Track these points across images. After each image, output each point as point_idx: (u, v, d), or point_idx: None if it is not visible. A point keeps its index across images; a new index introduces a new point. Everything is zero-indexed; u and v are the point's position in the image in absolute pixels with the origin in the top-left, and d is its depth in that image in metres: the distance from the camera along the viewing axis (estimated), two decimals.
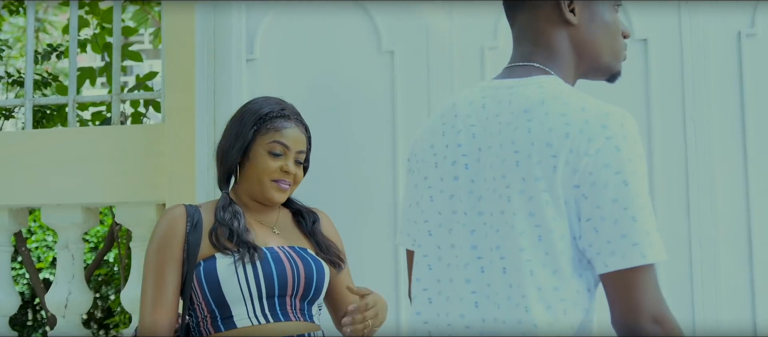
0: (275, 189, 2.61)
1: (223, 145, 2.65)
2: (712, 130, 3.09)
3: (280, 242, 2.61)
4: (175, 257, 2.52)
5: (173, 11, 3.54)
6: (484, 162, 1.79)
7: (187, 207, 2.60)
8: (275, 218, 2.68)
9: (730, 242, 3.07)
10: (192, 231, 2.53)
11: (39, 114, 4.78)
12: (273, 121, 2.63)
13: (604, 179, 1.66)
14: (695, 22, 3.14)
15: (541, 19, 1.89)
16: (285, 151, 2.62)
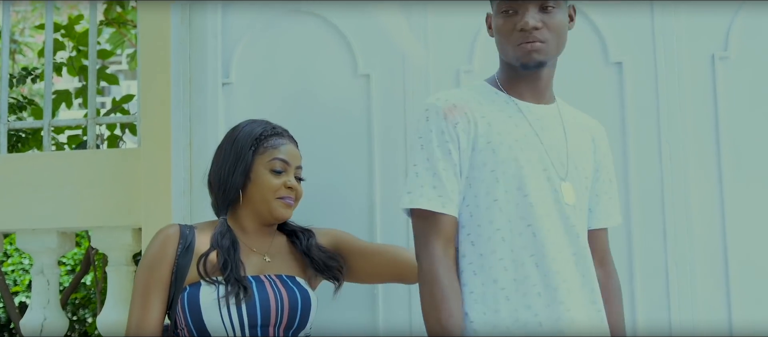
0: (282, 206, 2.64)
1: (219, 173, 2.65)
2: (687, 152, 3.10)
3: (269, 271, 2.60)
4: (163, 278, 2.52)
5: (149, 35, 3.53)
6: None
7: (182, 227, 2.60)
8: (269, 244, 2.68)
9: (706, 264, 3.07)
10: (183, 253, 2.53)
11: (14, 138, 4.76)
12: (269, 140, 2.67)
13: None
14: (669, 44, 3.15)
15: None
16: (285, 168, 2.66)
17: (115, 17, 5.33)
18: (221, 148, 2.71)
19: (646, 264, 3.09)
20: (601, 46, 3.18)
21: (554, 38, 2.41)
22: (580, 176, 2.44)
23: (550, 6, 2.39)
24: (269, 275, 2.58)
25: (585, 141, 2.51)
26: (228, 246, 2.54)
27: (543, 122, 2.43)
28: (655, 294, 3.07)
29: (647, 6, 3.17)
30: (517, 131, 2.39)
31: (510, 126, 2.39)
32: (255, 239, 2.66)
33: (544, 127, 2.42)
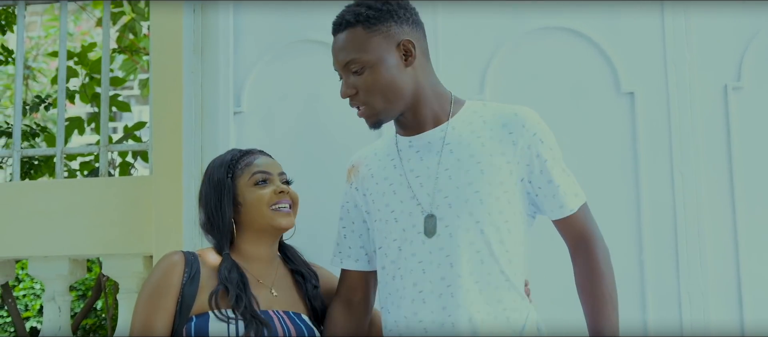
0: (280, 215, 2.60)
1: (209, 213, 2.62)
2: (700, 183, 3.09)
3: (277, 306, 2.57)
4: (168, 307, 2.47)
5: (161, 63, 3.54)
6: None
7: (186, 255, 2.56)
8: (274, 276, 2.64)
9: (719, 295, 3.06)
10: (188, 282, 2.49)
11: (27, 165, 4.77)
12: (241, 160, 2.64)
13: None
14: (682, 74, 3.15)
15: None
16: (268, 177, 2.62)
17: (127, 45, 5.35)
18: (202, 190, 2.67)
19: (659, 295, 3.07)
20: (613, 76, 3.18)
21: (377, 95, 2.38)
22: (463, 195, 2.37)
23: (356, 70, 2.38)
24: (278, 311, 2.55)
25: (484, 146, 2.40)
26: (237, 281, 2.50)
27: (421, 153, 2.44)
28: (668, 325, 3.05)
29: (659, 34, 3.17)
30: (393, 174, 2.48)
31: (388, 170, 2.49)
32: (260, 268, 2.62)
33: (421, 160, 2.44)
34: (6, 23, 5.10)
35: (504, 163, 2.38)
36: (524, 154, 2.39)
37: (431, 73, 2.48)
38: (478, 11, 3.24)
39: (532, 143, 2.39)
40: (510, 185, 2.38)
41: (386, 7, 2.39)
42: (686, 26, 3.16)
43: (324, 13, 3.35)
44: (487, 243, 2.36)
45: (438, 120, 2.45)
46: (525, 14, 3.25)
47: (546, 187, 2.40)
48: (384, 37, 2.38)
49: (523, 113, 2.43)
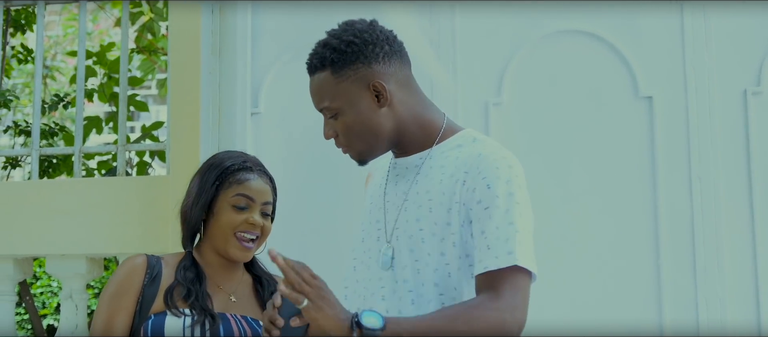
0: (238, 247, 2.54)
1: (185, 204, 2.61)
2: (719, 188, 3.08)
3: (234, 310, 2.55)
4: (128, 307, 2.49)
5: (179, 64, 3.56)
6: None
7: (149, 258, 2.57)
8: (236, 284, 2.62)
9: (736, 300, 3.04)
10: (149, 284, 2.51)
11: (45, 163, 4.80)
12: (235, 174, 2.58)
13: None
14: (701, 79, 3.13)
15: None
16: (250, 204, 2.56)
17: (146, 45, 5.37)
18: (193, 178, 2.65)
19: (676, 299, 3.06)
20: (631, 80, 3.17)
21: (355, 137, 2.27)
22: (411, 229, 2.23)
23: (328, 113, 2.29)
24: (235, 314, 2.53)
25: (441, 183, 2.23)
26: (192, 278, 2.50)
27: (399, 177, 2.33)
28: (685, 331, 3.04)
29: (678, 38, 3.16)
30: (377, 192, 2.38)
31: (375, 188, 2.41)
32: (221, 274, 2.60)
33: (397, 184, 2.32)
34: (25, 22, 5.12)
35: (453, 203, 2.19)
36: (468, 196, 2.18)
37: (415, 101, 2.31)
38: (496, 13, 3.23)
39: (478, 187, 2.16)
40: (457, 227, 2.19)
41: (351, 48, 2.25)
42: (705, 30, 3.15)
43: (342, 14, 3.35)
44: (420, 284, 2.20)
45: (423, 146, 2.31)
46: (543, 17, 3.24)
47: (478, 237, 2.14)
48: (352, 81, 2.24)
49: (486, 155, 2.21)
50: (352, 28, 2.29)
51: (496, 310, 2.05)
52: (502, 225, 2.11)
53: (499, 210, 2.12)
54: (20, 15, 5.10)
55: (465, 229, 2.18)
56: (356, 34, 2.26)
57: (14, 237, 3.74)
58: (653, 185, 3.10)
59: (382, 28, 2.32)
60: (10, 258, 3.79)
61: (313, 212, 3.31)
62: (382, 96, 2.24)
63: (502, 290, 2.06)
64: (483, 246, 2.11)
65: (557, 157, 3.14)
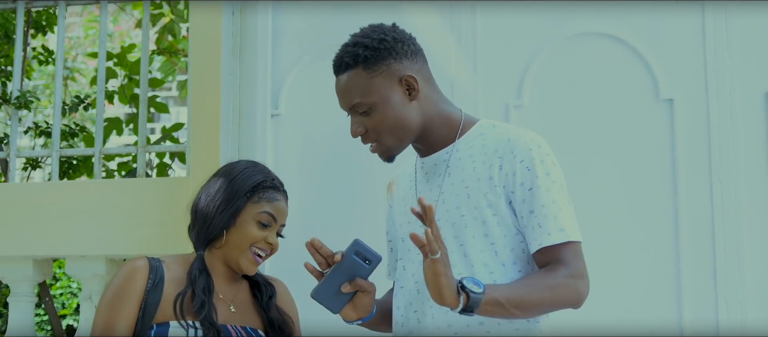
0: (250, 261, 2.55)
1: (207, 207, 2.57)
2: (739, 190, 3.07)
3: (234, 321, 2.54)
4: (130, 313, 2.43)
5: (200, 66, 3.56)
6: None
7: (151, 260, 2.52)
8: (235, 292, 2.61)
9: (757, 303, 3.03)
10: (152, 289, 2.45)
11: (65, 164, 4.81)
12: (266, 191, 2.58)
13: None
14: (722, 81, 3.12)
15: None
16: (272, 223, 2.57)
17: (166, 46, 5.38)
18: (216, 180, 2.62)
19: (696, 303, 3.05)
20: (652, 83, 3.16)
21: (385, 133, 2.38)
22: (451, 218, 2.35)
23: (361, 109, 2.37)
24: (235, 325, 2.52)
25: (475, 171, 2.36)
26: (204, 286, 2.47)
27: (429, 175, 2.45)
28: (705, 332, 3.03)
29: (700, 40, 3.14)
30: (408, 194, 2.51)
31: (406, 190, 2.53)
32: (223, 283, 2.58)
33: (427, 181, 2.45)
34: (46, 23, 5.14)
35: (491, 187, 2.32)
36: (508, 179, 2.32)
37: (437, 97, 2.45)
38: (518, 14, 3.23)
39: (517, 170, 2.31)
40: (500, 208, 2.32)
41: (383, 45, 2.37)
42: (726, 33, 3.14)
43: (363, 15, 3.35)
44: (470, 266, 2.32)
45: (446, 142, 2.43)
46: (564, 19, 3.24)
47: (527, 217, 2.31)
48: (385, 76, 2.36)
49: (516, 139, 2.35)
50: (380, 29, 2.42)
51: (571, 277, 2.25)
52: (548, 203, 2.29)
53: (541, 190, 2.29)
54: (41, 16, 5.12)
55: (508, 209, 2.32)
56: (385, 33, 2.40)
57: (34, 238, 3.75)
58: (674, 187, 3.09)
59: (403, 30, 2.45)
60: (30, 259, 3.80)
61: (332, 213, 3.31)
62: (414, 89, 2.37)
63: (568, 261, 2.27)
64: (535, 225, 2.29)
65: (578, 160, 3.13)
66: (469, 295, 2.09)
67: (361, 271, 2.25)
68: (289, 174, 3.32)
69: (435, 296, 2.09)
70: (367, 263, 2.24)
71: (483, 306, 2.11)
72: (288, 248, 3.29)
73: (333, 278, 2.26)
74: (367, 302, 2.31)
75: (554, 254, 2.27)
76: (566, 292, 2.25)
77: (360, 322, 2.36)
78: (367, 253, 2.24)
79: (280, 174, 3.32)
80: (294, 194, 3.33)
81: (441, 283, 2.06)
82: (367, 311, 2.32)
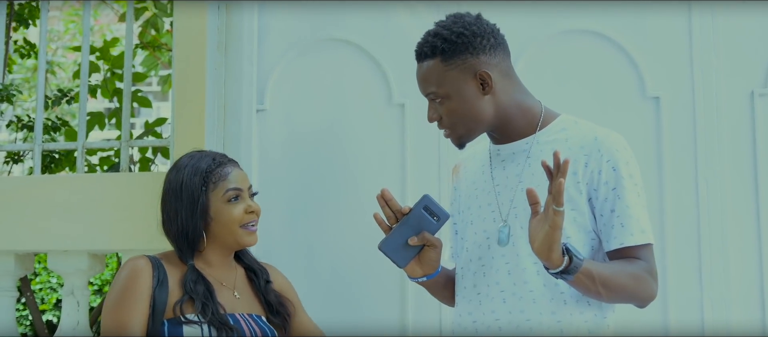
0: (247, 234, 2.59)
1: (177, 220, 2.57)
2: (725, 189, 3.07)
3: (241, 309, 2.57)
4: (142, 311, 2.44)
5: (184, 60, 3.54)
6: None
7: (152, 259, 2.53)
8: (234, 277, 2.64)
9: (742, 303, 3.04)
10: (158, 286, 2.47)
11: (47, 159, 4.78)
12: (216, 172, 2.60)
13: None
14: (708, 80, 3.13)
15: None
16: (240, 194, 2.60)
17: (149, 40, 5.35)
18: (170, 193, 2.62)
19: (681, 302, 3.05)
20: (639, 80, 3.16)
21: (458, 120, 2.44)
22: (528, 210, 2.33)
23: (437, 98, 2.44)
24: (243, 313, 2.55)
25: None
26: (203, 291, 2.48)
27: (506, 162, 2.50)
28: (689, 332, 3.03)
29: (686, 39, 3.15)
30: (480, 179, 2.56)
31: (477, 175, 2.57)
32: (222, 271, 2.61)
33: (504, 168, 2.50)
34: (28, 16, 5.11)
35: (574, 183, 2.39)
36: (593, 177, 2.39)
37: (516, 89, 2.50)
38: (504, 12, 3.22)
39: (603, 169, 2.39)
40: (579, 204, 2.39)
41: (461, 39, 2.42)
42: (713, 31, 3.14)
43: (348, 12, 3.36)
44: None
45: (524, 133, 2.49)
46: (551, 17, 3.24)
47: (608, 216, 2.38)
48: (460, 70, 2.42)
49: (603, 138, 2.43)
50: (462, 21, 2.46)
51: (650, 275, 2.35)
52: (632, 205, 2.37)
53: (626, 190, 2.38)
54: (23, 9, 5.08)
55: (587, 206, 2.40)
56: (466, 26, 2.44)
57: (16, 232, 3.72)
58: (660, 185, 3.09)
59: (487, 21, 2.50)
60: (12, 253, 3.77)
61: (317, 209, 3.30)
62: (487, 84, 2.42)
63: (648, 260, 2.37)
64: (616, 224, 2.37)
65: None
66: (572, 258, 2.18)
67: (430, 226, 2.31)
68: (274, 170, 3.32)
69: (544, 249, 2.15)
70: (436, 219, 2.31)
71: (579, 274, 2.20)
72: (274, 241, 3.28)
73: (400, 231, 2.33)
74: (433, 258, 2.39)
75: (633, 254, 2.36)
76: (645, 287, 2.35)
77: (424, 279, 2.44)
78: (436, 209, 2.31)
79: (265, 170, 3.33)
80: (279, 189, 3.33)
81: (555, 237, 2.12)
82: (433, 268, 2.41)
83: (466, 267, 2.52)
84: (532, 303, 2.37)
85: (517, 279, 2.40)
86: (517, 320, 2.38)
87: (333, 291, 3.27)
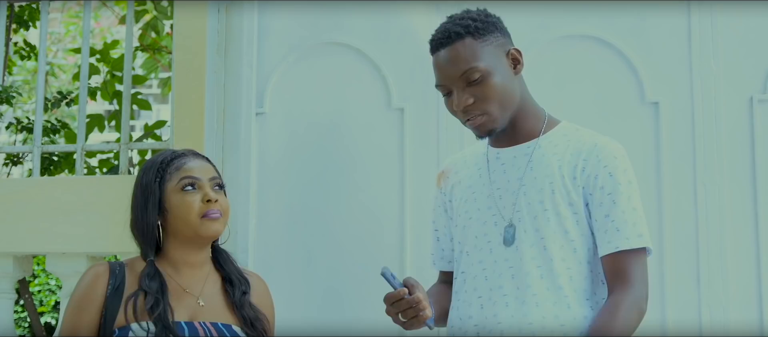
0: (206, 223, 2.46)
1: (136, 217, 2.53)
2: (724, 195, 3.07)
3: (203, 317, 2.47)
4: (92, 320, 2.41)
5: (184, 63, 3.54)
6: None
7: (111, 265, 2.48)
8: (202, 284, 2.53)
9: (740, 309, 3.04)
10: (113, 294, 2.42)
11: (46, 161, 4.78)
12: (172, 164, 2.52)
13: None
14: (707, 85, 3.13)
15: None
16: (197, 183, 2.49)
17: (149, 43, 5.36)
18: (134, 193, 2.57)
19: (680, 308, 3.05)
20: (638, 86, 3.16)
21: (495, 103, 2.44)
22: (534, 210, 2.45)
23: (475, 78, 2.42)
24: (204, 322, 2.45)
25: (560, 168, 2.45)
26: (157, 288, 2.42)
27: (506, 166, 2.53)
28: (687, 333, 3.03)
29: (686, 44, 3.15)
30: (477, 182, 2.56)
31: (474, 178, 2.58)
32: (187, 276, 2.52)
33: (504, 172, 2.52)
34: (29, 18, 5.11)
35: (574, 186, 2.44)
36: (589, 181, 2.43)
37: (526, 88, 2.55)
38: (503, 16, 3.22)
39: (600, 174, 2.43)
40: (579, 207, 2.44)
41: (490, 19, 2.48)
42: (712, 37, 3.15)
43: (349, 15, 3.36)
44: (548, 260, 2.42)
45: (529, 136, 2.53)
46: (550, 21, 3.24)
47: (602, 220, 2.41)
48: (494, 46, 2.45)
49: (602, 145, 2.47)
50: (477, 10, 2.53)
51: (633, 302, 2.34)
52: (628, 210, 2.40)
53: (623, 196, 2.41)
54: (23, 11, 5.09)
55: (585, 210, 2.44)
56: (486, 12, 2.53)
57: (14, 235, 3.72)
58: (658, 190, 3.09)
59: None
60: (10, 256, 3.77)
61: (317, 212, 3.30)
62: (519, 63, 2.49)
63: (632, 275, 2.37)
64: (611, 228, 2.40)
65: None
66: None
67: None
68: (273, 173, 3.32)
69: None
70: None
71: None
72: (272, 245, 3.29)
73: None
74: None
75: (622, 261, 2.38)
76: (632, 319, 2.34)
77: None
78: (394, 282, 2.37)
79: (264, 173, 3.33)
80: (278, 192, 3.33)
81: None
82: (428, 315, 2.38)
83: (467, 271, 2.52)
84: (535, 307, 2.39)
85: (520, 283, 2.41)
86: (520, 323, 2.40)
87: (332, 295, 3.27)
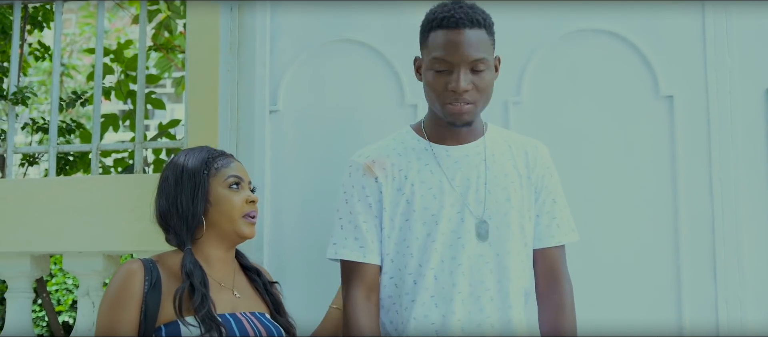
0: (247, 224, 2.60)
1: (176, 204, 2.57)
2: (740, 188, 3.06)
3: (243, 308, 2.55)
4: (131, 318, 2.42)
5: (198, 61, 3.55)
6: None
7: (145, 262, 2.51)
8: (233, 276, 2.63)
9: (757, 302, 3.03)
10: (151, 290, 2.45)
11: (62, 161, 4.80)
12: (218, 161, 2.63)
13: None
14: (722, 79, 3.11)
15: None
16: (241, 183, 2.62)
17: (163, 42, 5.37)
18: (168, 181, 2.61)
19: (696, 301, 3.04)
20: (652, 80, 3.15)
21: (482, 97, 2.56)
22: (502, 207, 2.59)
23: (480, 69, 2.51)
24: (245, 312, 2.54)
25: (515, 168, 2.65)
26: (201, 278, 2.46)
27: (460, 164, 2.60)
28: (704, 332, 3.02)
29: (700, 38, 3.14)
30: (430, 178, 2.59)
31: (425, 174, 2.60)
32: (221, 270, 2.59)
33: (460, 169, 2.59)
34: (43, 19, 5.13)
35: (529, 185, 2.65)
36: (538, 182, 2.65)
37: None
38: (517, 11, 3.22)
39: (545, 174, 2.66)
40: (531, 205, 2.65)
41: (491, 21, 2.60)
42: (727, 30, 3.13)
43: (362, 13, 3.36)
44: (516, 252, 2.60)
45: (474, 136, 2.66)
46: (564, 16, 3.23)
47: (546, 216, 2.65)
48: (493, 46, 2.59)
49: (540, 146, 2.71)
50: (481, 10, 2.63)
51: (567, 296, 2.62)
52: (562, 207, 2.68)
53: (559, 195, 2.68)
54: (38, 12, 5.10)
55: (533, 207, 2.64)
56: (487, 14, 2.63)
57: (31, 234, 3.74)
58: (673, 184, 3.08)
59: None
60: (27, 255, 3.80)
61: (331, 209, 3.29)
62: (496, 70, 2.62)
63: (564, 269, 2.64)
64: (553, 224, 2.65)
65: (577, 157, 3.12)
66: None
67: None
68: (287, 171, 3.32)
69: None
70: None
71: None
72: (287, 243, 3.29)
73: None
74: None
75: (554, 255, 2.65)
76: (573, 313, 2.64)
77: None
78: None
79: (278, 171, 3.33)
80: (292, 189, 3.33)
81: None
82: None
83: (438, 267, 2.56)
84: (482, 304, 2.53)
85: (500, 277, 2.56)
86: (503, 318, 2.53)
87: None
